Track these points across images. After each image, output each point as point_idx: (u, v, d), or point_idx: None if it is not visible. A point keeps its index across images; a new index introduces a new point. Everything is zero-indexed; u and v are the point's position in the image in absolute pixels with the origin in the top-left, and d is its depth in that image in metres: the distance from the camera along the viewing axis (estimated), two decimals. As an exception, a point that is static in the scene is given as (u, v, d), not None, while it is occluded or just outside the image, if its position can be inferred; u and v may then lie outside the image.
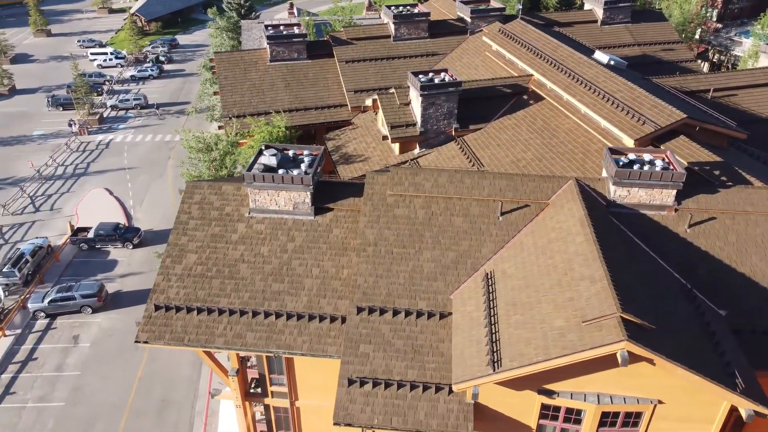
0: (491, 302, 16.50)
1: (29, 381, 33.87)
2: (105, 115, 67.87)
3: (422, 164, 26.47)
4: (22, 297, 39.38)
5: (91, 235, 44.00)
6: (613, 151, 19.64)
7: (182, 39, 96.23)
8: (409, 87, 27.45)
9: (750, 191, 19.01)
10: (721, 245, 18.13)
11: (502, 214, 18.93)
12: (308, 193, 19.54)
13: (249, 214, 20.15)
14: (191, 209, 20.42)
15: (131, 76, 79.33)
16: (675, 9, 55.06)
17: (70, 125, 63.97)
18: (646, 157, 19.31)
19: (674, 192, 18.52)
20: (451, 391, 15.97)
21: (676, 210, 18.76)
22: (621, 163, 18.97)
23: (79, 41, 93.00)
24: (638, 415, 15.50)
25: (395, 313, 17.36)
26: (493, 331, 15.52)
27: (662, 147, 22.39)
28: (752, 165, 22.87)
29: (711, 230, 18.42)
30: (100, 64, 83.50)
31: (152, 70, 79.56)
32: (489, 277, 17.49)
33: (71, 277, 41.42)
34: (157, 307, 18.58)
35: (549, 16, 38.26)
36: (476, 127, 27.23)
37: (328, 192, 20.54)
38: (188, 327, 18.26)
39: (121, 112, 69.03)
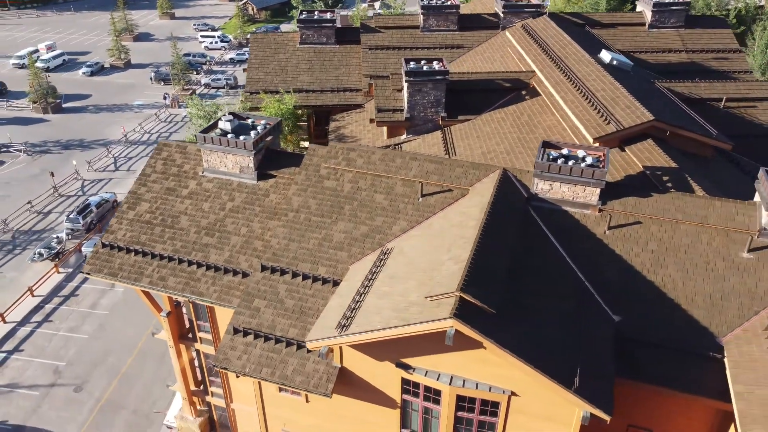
0: (373, 275, 16.91)
1: (66, 313, 38.27)
2: (198, 91, 73.61)
3: (405, 149, 26.89)
4: (80, 241, 44.34)
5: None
6: (547, 144, 19.13)
7: (285, 28, 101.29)
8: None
9: (686, 199, 17.74)
10: (638, 251, 17.16)
11: (423, 195, 19.13)
12: (251, 158, 20.85)
13: (202, 173, 21.84)
14: (156, 164, 22.48)
15: (230, 58, 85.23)
16: None
17: (164, 98, 70.16)
18: (580, 153, 18.63)
19: (597, 191, 17.77)
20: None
21: (600, 210, 17.97)
22: (551, 157, 18.48)
23: (194, 24, 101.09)
24: (495, 404, 15.29)
25: (294, 275, 18.25)
26: (357, 300, 15.97)
27: (627, 149, 21.34)
28: (728, 176, 21.12)
29: (632, 235, 17.48)
30: (207, 46, 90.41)
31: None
32: (385, 252, 17.87)
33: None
34: (104, 245, 20.81)
35: (592, 15, 36.67)
36: (465, 117, 27.16)
37: (276, 160, 21.71)
38: (124, 265, 20.30)
39: (213, 90, 74.51)
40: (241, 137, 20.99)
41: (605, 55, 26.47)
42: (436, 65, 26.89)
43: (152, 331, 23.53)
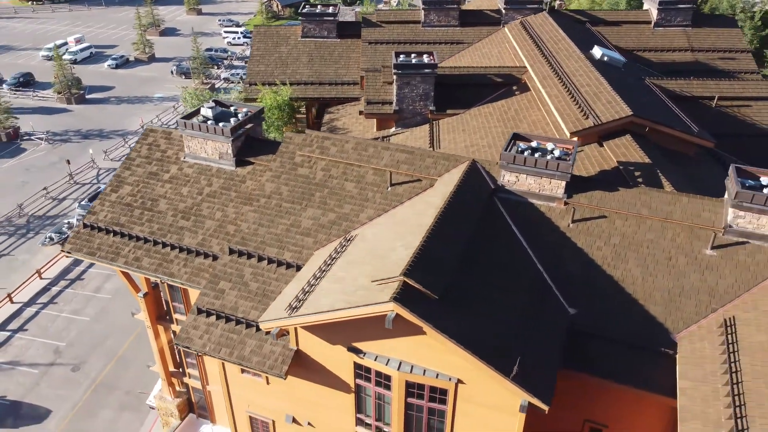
0: (333, 260, 17.09)
1: (71, 296, 39.37)
2: (216, 86, 74.77)
3: (392, 142, 27.00)
4: (90, 227, 45.48)
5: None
6: (517, 136, 19.06)
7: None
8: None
9: (652, 194, 17.48)
10: (600, 245, 17.00)
11: (392, 185, 19.25)
12: (229, 144, 21.22)
13: (184, 158, 22.31)
14: (142, 149, 23.04)
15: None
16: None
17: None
18: (549, 146, 18.52)
19: (563, 183, 17.64)
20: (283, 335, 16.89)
21: (566, 203, 17.85)
22: (519, 149, 18.42)
23: (219, 20, 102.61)
24: (443, 392, 15.33)
25: (260, 259, 18.53)
26: (312, 283, 16.18)
27: (605, 144, 21.12)
28: (708, 174, 20.74)
29: (595, 228, 17.31)
30: (230, 41, 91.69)
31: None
32: (348, 238, 18.04)
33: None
34: (86, 226, 21.43)
35: (596, 13, 36.20)
36: (454, 111, 27.16)
37: (256, 148, 22.04)
38: (102, 245, 20.88)
39: (231, 84, 75.56)
40: (221, 124, 21.37)
41: (597, 52, 26.18)
42: (426, 59, 26.94)
43: (132, 311, 24.17)
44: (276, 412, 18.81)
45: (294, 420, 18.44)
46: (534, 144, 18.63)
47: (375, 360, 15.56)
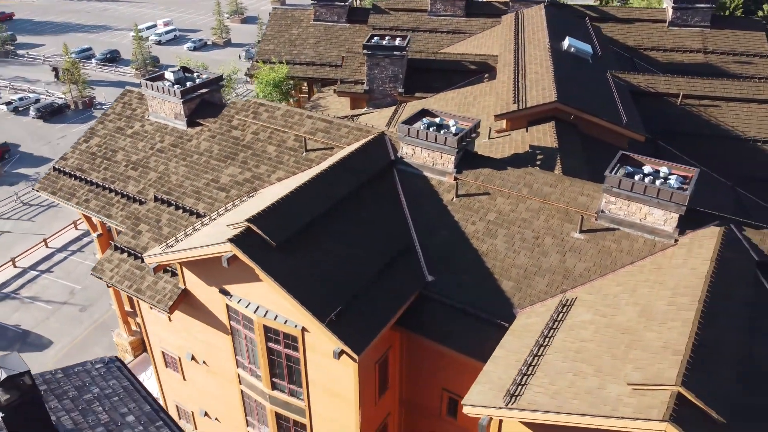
0: (227, 210, 18.50)
1: (74, 264, 42.76)
2: (278, 71, 78.24)
3: (361, 120, 28.00)
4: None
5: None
6: (426, 112, 19.57)
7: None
8: (373, 48, 28.97)
9: (537, 175, 17.47)
10: (475, 220, 17.28)
11: (307, 150, 20.36)
12: (181, 105, 23.13)
13: (147, 116, 24.51)
14: (117, 107, 25.50)
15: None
16: None
17: (246, 75, 75.38)
18: (451, 122, 18.92)
19: (452, 158, 18.03)
20: (174, 274, 18.53)
21: (456, 179, 18.21)
22: (425, 124, 18.95)
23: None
24: (294, 339, 16.30)
25: (177, 207, 20.27)
26: (197, 228, 17.66)
27: (530, 129, 21.11)
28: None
29: (476, 204, 17.59)
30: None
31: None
32: (250, 195, 19.36)
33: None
34: (55, 169, 24.12)
35: (608, 9, 35.19)
36: (422, 95, 27.76)
37: (210, 111, 23.80)
38: (63, 187, 23.45)
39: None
40: (175, 86, 23.33)
41: (565, 43, 25.85)
42: (398, 42, 27.70)
43: (94, 251, 26.67)
44: (181, 349, 20.46)
45: (193, 357, 20.00)
46: (437, 120, 19.09)
47: (239, 303, 16.80)
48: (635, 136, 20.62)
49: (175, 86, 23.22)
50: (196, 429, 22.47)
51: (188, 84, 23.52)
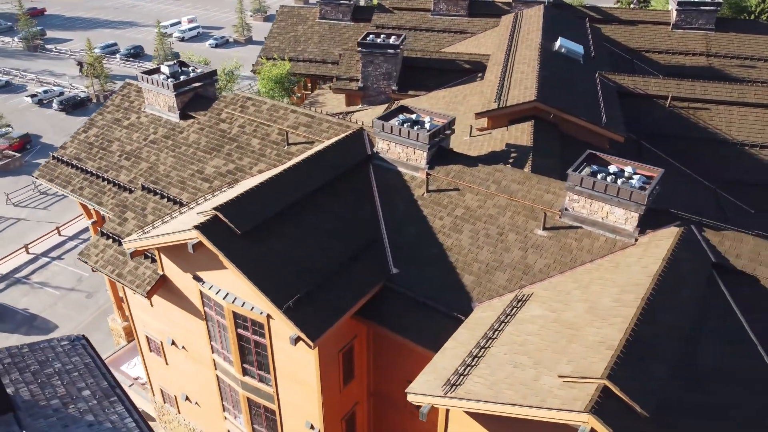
0: (206, 200, 19.06)
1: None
2: (296, 69, 79.16)
3: (355, 117, 28.41)
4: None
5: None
6: (404, 109, 19.88)
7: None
8: (369, 46, 29.34)
9: (506, 172, 17.63)
10: (443, 215, 17.55)
11: (289, 144, 20.84)
12: (174, 98, 23.83)
13: (144, 109, 25.29)
14: (116, 99, 26.35)
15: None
16: None
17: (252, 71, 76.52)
18: (427, 119, 19.19)
19: (424, 154, 18.32)
20: (154, 260, 19.19)
21: (428, 174, 18.49)
22: (400, 120, 19.27)
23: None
24: (261, 325, 16.78)
25: (162, 196, 20.93)
26: (174, 216, 18.26)
27: (509, 127, 21.27)
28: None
29: (445, 199, 17.85)
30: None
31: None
32: (231, 185, 19.91)
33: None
34: (54, 158, 25.04)
35: (612, 11, 34.97)
36: (415, 93, 28.05)
37: (203, 104, 24.49)
38: (61, 174, 24.35)
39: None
40: (170, 79, 24.04)
41: (557, 43, 25.89)
42: (392, 40, 28.04)
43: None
44: (162, 333, 21.12)
45: (173, 342, 20.65)
46: (414, 117, 19.39)
47: (210, 289, 17.35)
48: (614, 136, 20.61)
49: (169, 79, 23.93)
50: (179, 413, 23.15)
51: (182, 78, 24.21)
